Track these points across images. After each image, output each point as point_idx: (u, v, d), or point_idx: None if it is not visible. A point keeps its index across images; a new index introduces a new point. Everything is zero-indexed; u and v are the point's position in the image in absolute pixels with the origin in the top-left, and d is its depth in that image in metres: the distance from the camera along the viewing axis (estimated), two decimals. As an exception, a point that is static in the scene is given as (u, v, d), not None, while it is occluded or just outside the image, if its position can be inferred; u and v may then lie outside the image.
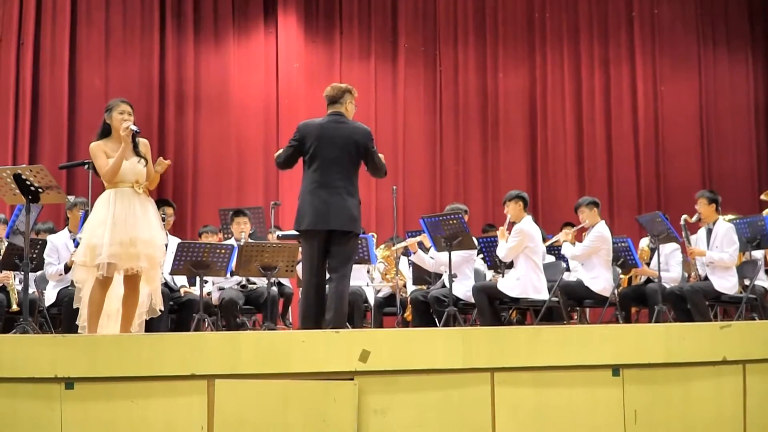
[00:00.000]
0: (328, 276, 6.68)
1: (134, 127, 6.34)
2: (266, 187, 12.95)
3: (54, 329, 8.25)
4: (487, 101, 14.00)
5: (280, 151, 6.87)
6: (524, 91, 14.16)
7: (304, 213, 6.59)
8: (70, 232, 8.39)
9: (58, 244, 8.30)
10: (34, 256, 8.11)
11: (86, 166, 6.95)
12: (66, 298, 7.58)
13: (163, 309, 6.76)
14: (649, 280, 9.47)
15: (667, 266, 9.34)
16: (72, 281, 7.10)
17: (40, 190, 6.63)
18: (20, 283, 8.09)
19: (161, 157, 6.54)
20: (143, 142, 6.55)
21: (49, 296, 8.34)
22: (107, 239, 6.19)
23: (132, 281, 6.39)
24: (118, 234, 6.21)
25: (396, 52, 13.85)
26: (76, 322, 6.55)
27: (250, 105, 13.21)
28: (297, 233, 6.86)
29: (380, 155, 6.87)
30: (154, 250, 6.39)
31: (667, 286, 8.99)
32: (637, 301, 9.60)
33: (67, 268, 7.93)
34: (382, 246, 10.29)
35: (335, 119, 6.76)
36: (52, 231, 9.29)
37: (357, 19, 13.77)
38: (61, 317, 8.03)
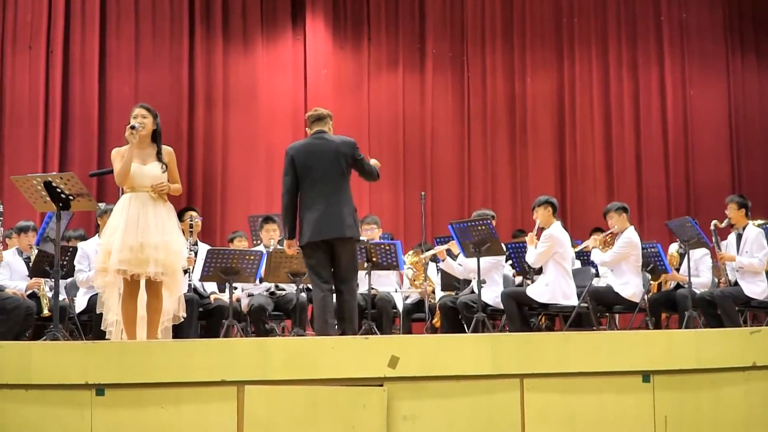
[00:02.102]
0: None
1: (135, 124, 6.34)
2: (295, 193, 12.97)
3: (84, 336, 8.28)
4: (515, 106, 13.96)
5: (283, 190, 7.08)
6: (552, 96, 14.10)
7: (304, 228, 6.86)
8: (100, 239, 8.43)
9: (88, 250, 8.32)
10: (65, 263, 8.16)
11: (116, 174, 6.99)
12: (96, 304, 7.61)
13: (185, 315, 6.78)
14: (679, 286, 9.40)
15: (697, 271, 9.27)
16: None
17: (70, 197, 6.68)
18: (51, 290, 8.15)
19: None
20: (167, 150, 6.57)
21: (80, 303, 8.37)
22: (117, 244, 6.23)
23: (153, 287, 6.39)
24: (129, 239, 6.23)
25: (424, 57, 13.84)
26: (102, 327, 6.59)
27: (278, 111, 13.24)
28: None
29: (375, 160, 7.25)
30: (166, 255, 6.34)
31: (697, 292, 8.93)
32: (667, 307, 9.52)
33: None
34: (411, 252, 10.27)
35: (319, 137, 7.03)
36: (83, 238, 9.34)
37: (385, 25, 13.78)
38: (92, 324, 8.07)
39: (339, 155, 6.91)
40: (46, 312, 8.23)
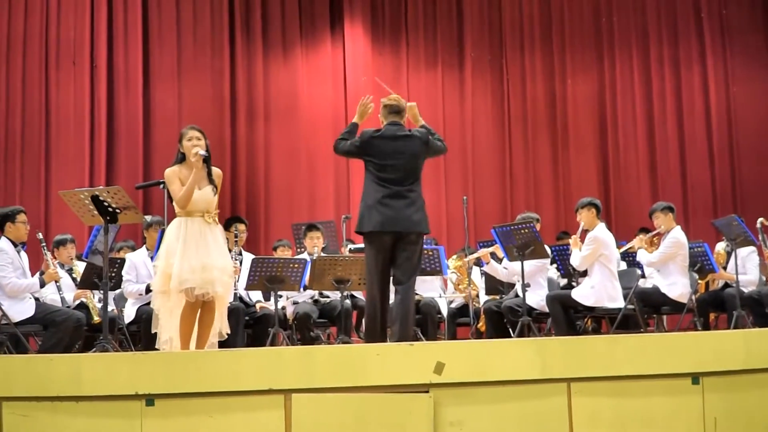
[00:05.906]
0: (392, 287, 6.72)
1: (203, 152, 6.42)
2: (337, 200, 13.04)
3: (134, 346, 8.36)
4: (555, 108, 13.93)
5: (343, 142, 6.87)
6: (593, 97, 14.05)
7: (369, 216, 6.63)
8: (148, 250, 8.53)
9: (136, 262, 8.43)
10: (113, 274, 8.25)
11: (161, 186, 7.05)
12: (145, 315, 7.68)
13: (229, 332, 6.80)
14: (726, 285, 9.32)
15: (745, 269, 9.21)
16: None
17: (117, 210, 6.77)
18: (99, 301, 8.25)
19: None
20: (216, 172, 6.62)
21: (128, 313, 8.46)
22: (177, 268, 6.30)
23: (208, 304, 6.47)
24: (189, 261, 6.30)
25: (462, 61, 13.85)
26: (156, 346, 6.63)
27: (319, 118, 13.30)
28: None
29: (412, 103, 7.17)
30: (229, 277, 6.58)
31: (745, 290, 8.85)
32: (715, 307, 9.44)
33: (149, 289, 8.01)
34: (454, 256, 10.28)
35: (398, 129, 6.81)
36: (133, 249, 9.45)
37: (423, 29, 13.80)
38: (141, 334, 8.15)
39: (417, 145, 6.76)
40: (96, 319, 8.32)
